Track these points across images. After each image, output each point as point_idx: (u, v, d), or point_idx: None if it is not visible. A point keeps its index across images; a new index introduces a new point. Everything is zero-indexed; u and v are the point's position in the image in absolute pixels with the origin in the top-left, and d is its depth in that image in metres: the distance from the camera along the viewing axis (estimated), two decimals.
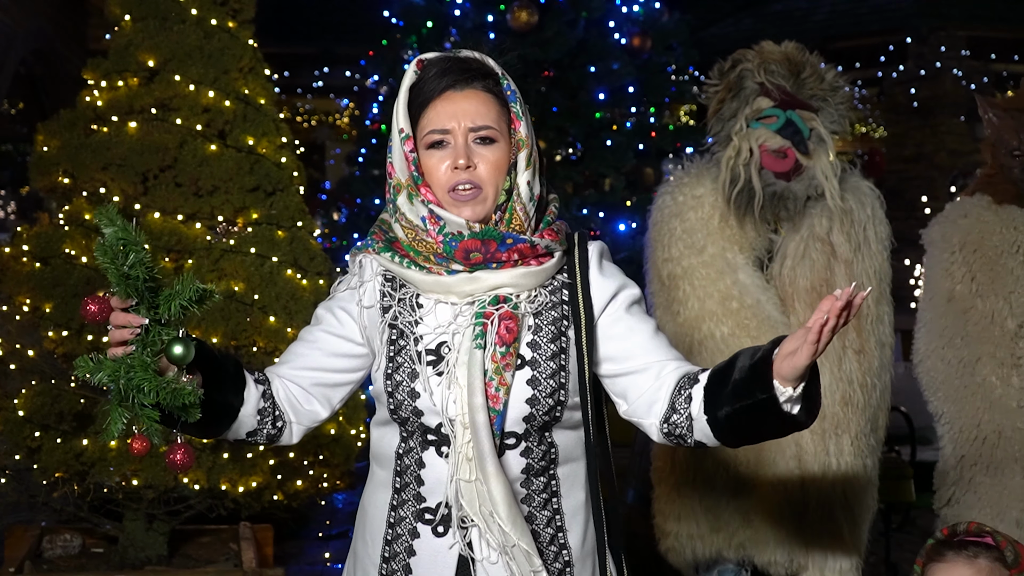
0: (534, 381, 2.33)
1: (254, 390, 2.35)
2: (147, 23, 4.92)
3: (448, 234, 2.30)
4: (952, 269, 4.10)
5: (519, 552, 2.28)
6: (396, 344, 2.36)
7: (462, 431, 2.29)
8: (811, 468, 3.90)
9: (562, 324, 2.38)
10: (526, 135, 2.38)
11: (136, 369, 2.08)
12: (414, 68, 2.39)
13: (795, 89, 3.95)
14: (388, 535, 2.39)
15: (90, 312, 2.11)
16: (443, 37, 8.95)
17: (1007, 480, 4.01)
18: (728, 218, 3.98)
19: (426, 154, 2.34)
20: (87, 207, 4.78)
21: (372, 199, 9.11)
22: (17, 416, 4.51)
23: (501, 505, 2.27)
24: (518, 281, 2.34)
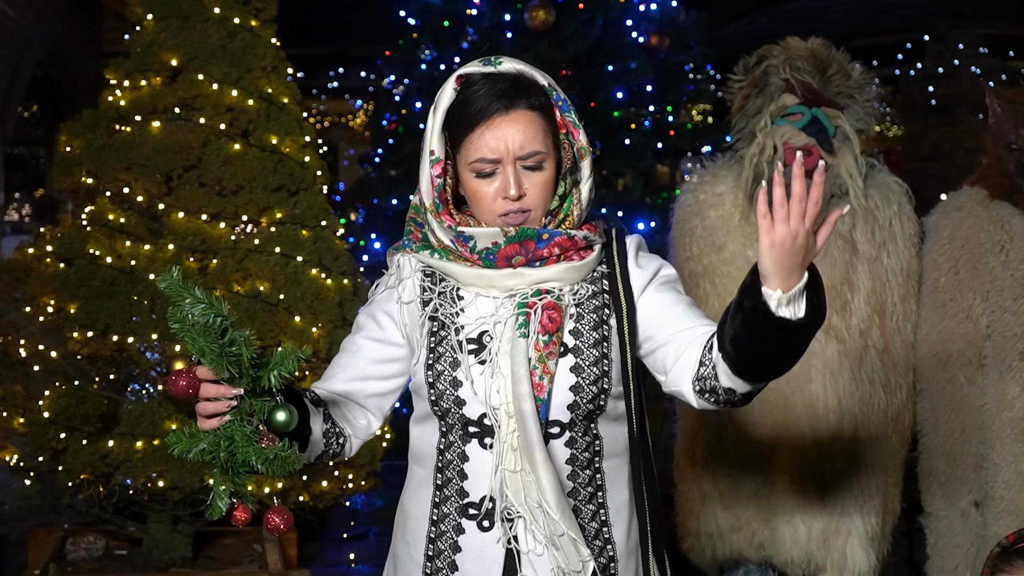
0: (577, 368, 2.32)
1: (318, 415, 2.33)
2: (169, 22, 4.91)
3: (482, 249, 2.29)
4: (940, 260, 4.07)
5: (567, 541, 2.26)
6: (437, 335, 2.35)
7: (506, 420, 2.27)
8: (830, 467, 3.88)
9: (603, 312, 2.37)
10: (586, 143, 2.35)
11: (238, 442, 2.03)
12: (453, 85, 2.32)
13: (821, 86, 3.92)
14: (431, 533, 2.36)
15: (180, 388, 2.03)
16: (460, 37, 8.94)
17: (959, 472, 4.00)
18: (748, 216, 3.96)
19: (474, 180, 2.31)
20: (110, 207, 4.77)
21: (389, 199, 9.09)
22: (42, 418, 4.50)
23: (550, 493, 2.24)
24: (561, 276, 2.33)
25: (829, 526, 3.88)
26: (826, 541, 3.89)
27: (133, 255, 4.62)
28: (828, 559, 3.91)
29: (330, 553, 6.55)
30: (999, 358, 3.88)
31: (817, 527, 3.89)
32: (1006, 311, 3.88)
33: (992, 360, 3.89)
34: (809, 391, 3.88)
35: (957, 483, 4.02)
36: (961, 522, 4.00)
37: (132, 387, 4.87)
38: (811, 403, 3.88)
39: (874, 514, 3.91)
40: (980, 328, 3.95)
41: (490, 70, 2.32)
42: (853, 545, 3.89)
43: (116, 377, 4.78)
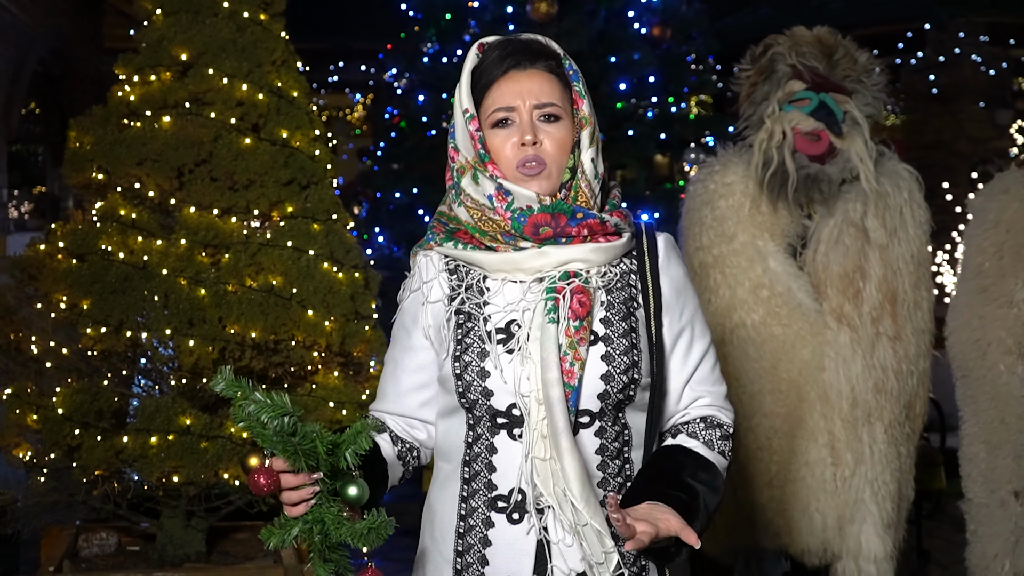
0: (608, 357, 2.32)
1: (388, 447, 2.44)
2: (179, 17, 4.90)
3: (516, 209, 2.30)
4: (984, 245, 4.07)
5: (591, 532, 2.24)
6: (464, 327, 2.35)
7: (536, 407, 2.27)
8: (844, 456, 3.88)
9: (632, 305, 2.38)
10: (589, 113, 2.40)
11: (329, 524, 2.05)
12: (475, 51, 2.42)
13: (827, 71, 3.93)
14: (460, 528, 2.35)
15: (261, 486, 2.04)
16: (462, 29, 8.96)
17: (999, 461, 4.00)
18: (759, 204, 3.97)
19: (491, 133, 2.36)
20: (122, 203, 4.76)
21: (392, 193, 9.10)
22: (56, 414, 4.49)
23: (574, 482, 2.23)
24: (588, 256, 2.33)
25: (844, 514, 3.90)
26: (841, 529, 3.91)
27: (146, 250, 4.61)
28: (844, 546, 3.92)
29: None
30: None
31: (832, 515, 3.90)
32: None
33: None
34: (822, 379, 3.89)
35: (996, 472, 4.02)
36: (1000, 511, 4.00)
37: (144, 383, 4.86)
38: (824, 391, 3.89)
39: (889, 500, 3.92)
40: (1021, 316, 3.94)
41: (510, 37, 2.43)
42: (868, 532, 3.90)
43: (128, 373, 4.78)
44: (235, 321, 4.53)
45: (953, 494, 7.40)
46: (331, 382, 4.72)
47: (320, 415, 4.60)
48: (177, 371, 4.65)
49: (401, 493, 7.68)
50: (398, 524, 2.43)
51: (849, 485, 3.89)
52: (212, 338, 4.53)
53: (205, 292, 4.56)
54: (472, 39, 8.84)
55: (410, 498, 7.16)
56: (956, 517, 7.27)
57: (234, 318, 4.53)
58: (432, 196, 8.81)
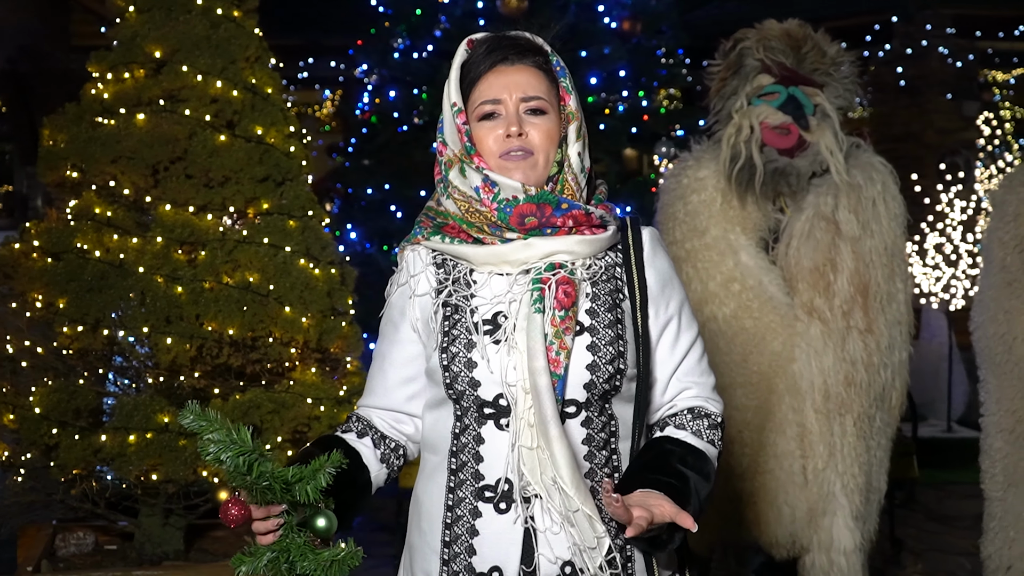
0: (594, 347, 2.35)
1: (369, 454, 2.50)
2: (152, 14, 4.88)
3: (502, 200, 2.33)
4: (1005, 239, 4.08)
5: (581, 518, 2.27)
6: (451, 319, 2.38)
7: (523, 397, 2.30)
8: (815, 448, 3.91)
9: (617, 296, 2.41)
10: (576, 108, 2.44)
11: (294, 553, 2.14)
12: (464, 47, 2.45)
13: (796, 65, 3.95)
14: (447, 518, 2.38)
15: (232, 517, 2.12)
16: (433, 25, 8.93)
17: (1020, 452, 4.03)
18: (731, 199, 3.98)
19: (478, 125, 2.40)
20: (97, 201, 4.74)
21: (364, 189, 9.08)
22: (34, 414, 4.48)
23: (564, 468, 2.25)
24: (573, 248, 2.36)
25: (816, 506, 3.91)
26: (812, 521, 3.93)
27: (122, 248, 4.60)
28: (815, 539, 3.94)
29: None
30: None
31: (802, 507, 3.92)
32: None
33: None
34: (792, 372, 3.91)
35: (1017, 464, 4.05)
36: (1020, 503, 4.02)
37: (120, 381, 4.85)
38: (794, 384, 3.91)
39: (858, 493, 3.94)
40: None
41: (498, 33, 2.47)
42: (839, 524, 3.93)
43: (105, 371, 4.77)
44: (212, 318, 4.53)
45: (926, 483, 7.50)
46: (308, 378, 4.73)
47: (298, 411, 4.61)
48: (155, 369, 4.64)
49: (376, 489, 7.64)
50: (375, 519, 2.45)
51: (821, 478, 3.91)
52: (190, 335, 4.53)
53: (182, 289, 4.56)
54: (443, 35, 8.83)
55: (386, 493, 7.16)
56: (928, 506, 7.37)
57: (211, 315, 4.53)
58: (404, 192, 8.80)
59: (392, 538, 6.38)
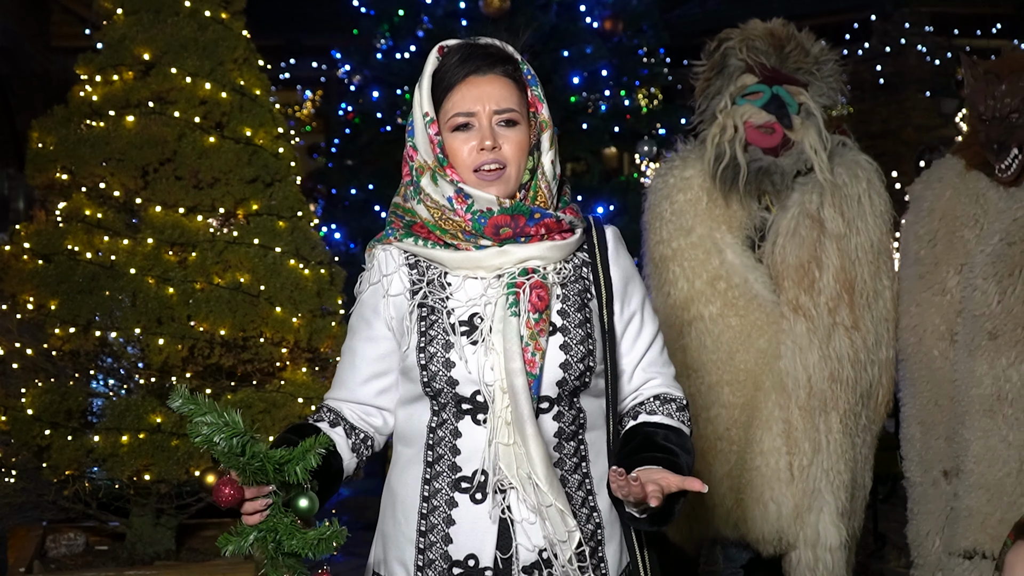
0: (566, 346, 2.44)
1: (342, 442, 2.52)
2: (140, 16, 4.89)
3: (476, 211, 2.39)
4: (920, 232, 4.15)
5: (554, 512, 2.37)
6: (427, 320, 2.44)
7: (500, 396, 2.38)
8: (801, 445, 3.93)
9: (585, 296, 2.50)
10: (547, 116, 2.50)
11: (281, 533, 2.17)
12: (435, 55, 2.49)
13: (779, 64, 3.97)
14: (423, 509, 2.45)
15: (226, 497, 2.15)
16: (415, 25, 8.97)
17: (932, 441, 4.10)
18: (716, 198, 4.00)
19: (451, 136, 2.43)
20: (87, 203, 4.75)
21: (348, 189, 9.11)
22: (25, 415, 4.49)
23: (539, 466, 2.35)
24: (545, 254, 2.44)
25: (801, 503, 3.93)
26: (798, 517, 3.95)
27: (112, 250, 4.62)
28: (800, 535, 3.96)
29: None
30: (969, 336, 3.96)
31: (788, 504, 3.94)
32: (976, 289, 3.95)
33: (962, 337, 3.97)
34: (778, 368, 3.94)
35: (930, 452, 4.11)
36: (933, 490, 4.10)
37: (111, 382, 4.86)
38: (780, 380, 3.93)
39: (843, 489, 3.96)
40: (954, 303, 4.03)
41: (469, 41, 2.50)
42: (825, 521, 3.95)
43: (95, 372, 4.78)
44: (203, 319, 4.55)
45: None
46: (299, 378, 4.75)
47: (289, 411, 4.63)
48: (146, 370, 4.65)
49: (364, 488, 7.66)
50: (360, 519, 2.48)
51: (807, 475, 3.93)
52: (181, 336, 4.54)
53: (173, 290, 4.57)
54: (425, 35, 8.86)
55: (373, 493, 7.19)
56: None
57: (202, 316, 4.55)
58: (387, 191, 8.82)
59: None
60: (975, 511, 3.94)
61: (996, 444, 3.92)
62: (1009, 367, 3.89)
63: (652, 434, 2.50)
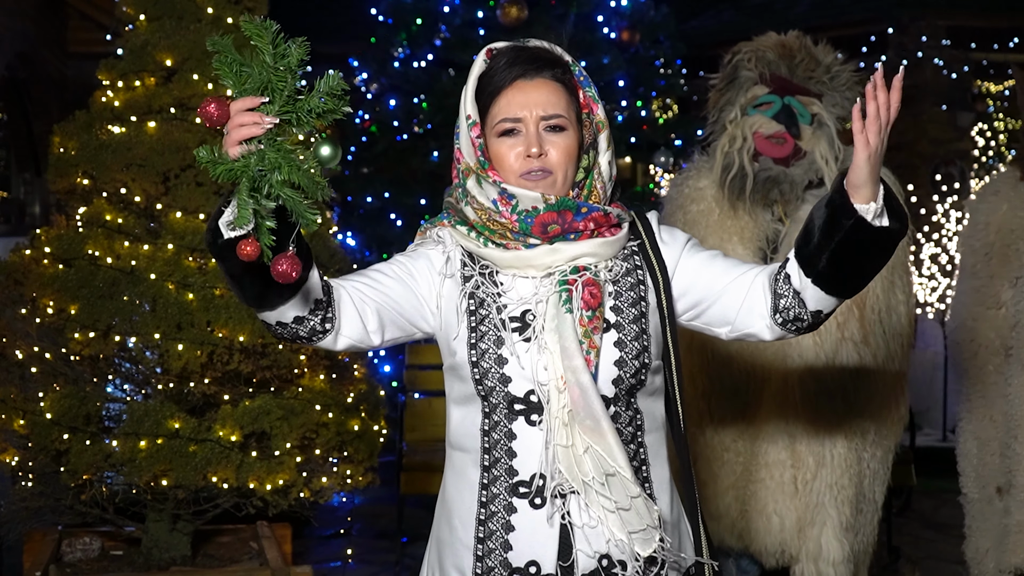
0: (620, 343, 2.40)
1: (317, 278, 2.29)
2: (163, 23, 4.92)
3: (522, 211, 2.36)
4: (976, 246, 4.14)
5: (640, 503, 2.33)
6: (477, 314, 2.40)
7: (556, 396, 2.33)
8: (804, 459, 3.92)
9: (640, 289, 2.46)
10: (603, 116, 2.46)
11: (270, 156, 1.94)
12: (483, 57, 2.46)
13: (789, 74, 3.98)
14: (481, 515, 2.40)
15: (210, 113, 1.96)
16: (432, 34, 8.98)
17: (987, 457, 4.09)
18: (728, 209, 4.01)
19: (497, 141, 2.41)
20: (107, 208, 4.77)
21: (363, 197, 9.12)
22: (44, 419, 4.51)
23: (620, 458, 2.31)
24: (596, 251, 2.40)
25: (804, 516, 3.93)
26: (801, 531, 3.94)
27: (132, 255, 4.63)
28: (803, 549, 3.95)
29: (317, 550, 6.57)
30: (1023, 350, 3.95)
31: (791, 518, 3.93)
32: None
33: (1017, 351, 3.95)
34: (783, 381, 3.93)
35: (986, 467, 4.10)
36: (989, 507, 4.08)
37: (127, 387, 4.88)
38: (785, 393, 3.93)
39: (848, 504, 3.95)
40: (1008, 317, 4.01)
41: (518, 44, 2.46)
42: (827, 535, 3.93)
43: (114, 377, 4.80)
44: (223, 325, 4.56)
45: (923, 491, 7.54)
46: (317, 385, 4.76)
47: (306, 418, 4.64)
48: (165, 375, 4.67)
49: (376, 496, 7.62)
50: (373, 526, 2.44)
51: (810, 488, 3.92)
52: (200, 342, 4.55)
53: (193, 296, 4.59)
54: (442, 44, 8.88)
55: (386, 500, 7.19)
56: (925, 514, 7.41)
57: (222, 322, 4.55)
58: (403, 199, 8.84)
59: (392, 544, 6.42)
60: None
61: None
62: None
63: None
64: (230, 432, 4.51)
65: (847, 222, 2.27)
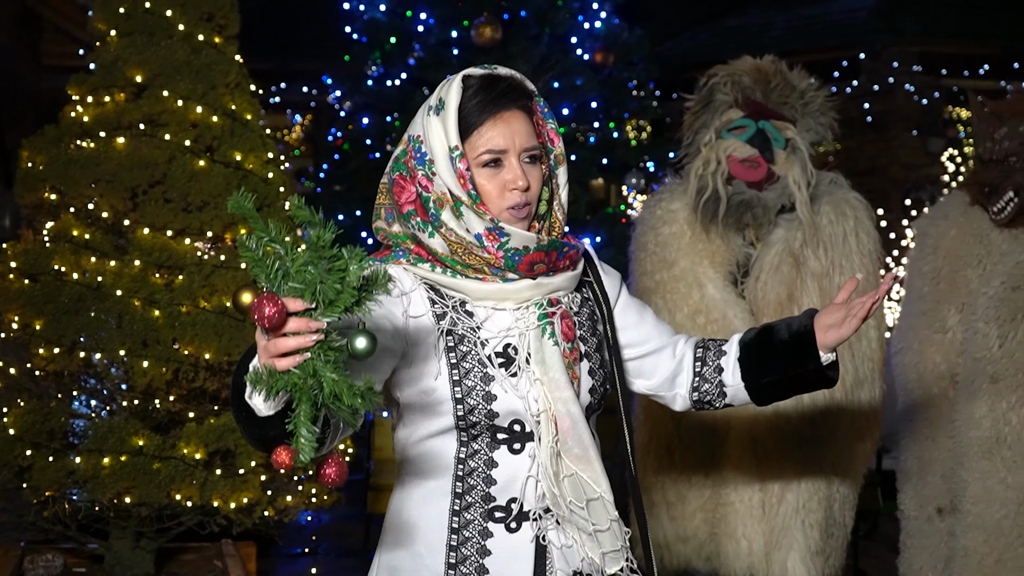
0: (592, 372, 2.46)
1: None
2: (134, 38, 4.91)
3: (510, 249, 2.35)
4: (924, 269, 4.17)
5: (616, 526, 2.41)
6: (457, 351, 2.38)
7: (548, 427, 2.36)
8: (772, 485, 3.92)
9: (594, 318, 2.54)
10: (562, 150, 2.48)
11: (325, 376, 1.78)
12: (459, 84, 2.41)
13: (764, 99, 3.99)
14: (452, 541, 2.40)
15: (267, 316, 1.75)
16: (406, 53, 8.98)
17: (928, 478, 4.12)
18: (700, 232, 4.01)
19: (479, 172, 2.38)
20: (75, 223, 4.76)
21: (335, 214, 9.10)
22: (7, 435, 4.48)
23: (605, 484, 2.39)
24: (567, 284, 2.46)
25: (771, 540, 3.93)
26: (768, 555, 3.94)
27: (99, 271, 4.62)
28: (770, 573, 3.96)
29: (283, 569, 6.55)
30: (969, 378, 3.97)
31: (759, 541, 3.93)
32: (978, 332, 3.97)
33: (963, 379, 3.98)
34: (750, 408, 3.94)
35: (926, 488, 4.13)
36: (927, 526, 4.12)
37: (94, 403, 4.85)
38: (753, 417, 3.93)
39: (816, 528, 3.95)
40: (955, 342, 4.04)
41: (491, 73, 2.43)
42: (794, 559, 3.93)
43: (79, 393, 4.78)
44: (189, 342, 4.55)
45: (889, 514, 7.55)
46: None
47: None
48: (130, 392, 4.65)
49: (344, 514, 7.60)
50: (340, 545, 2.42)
51: (776, 512, 3.93)
52: (166, 359, 4.54)
53: (159, 313, 4.58)
54: (417, 63, 8.88)
55: (353, 519, 7.16)
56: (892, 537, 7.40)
57: (188, 339, 4.55)
58: None
59: (359, 563, 6.39)
60: (972, 551, 3.96)
61: (994, 486, 3.94)
62: (1009, 411, 3.92)
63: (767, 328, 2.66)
64: (195, 450, 4.50)
65: (810, 366, 2.57)
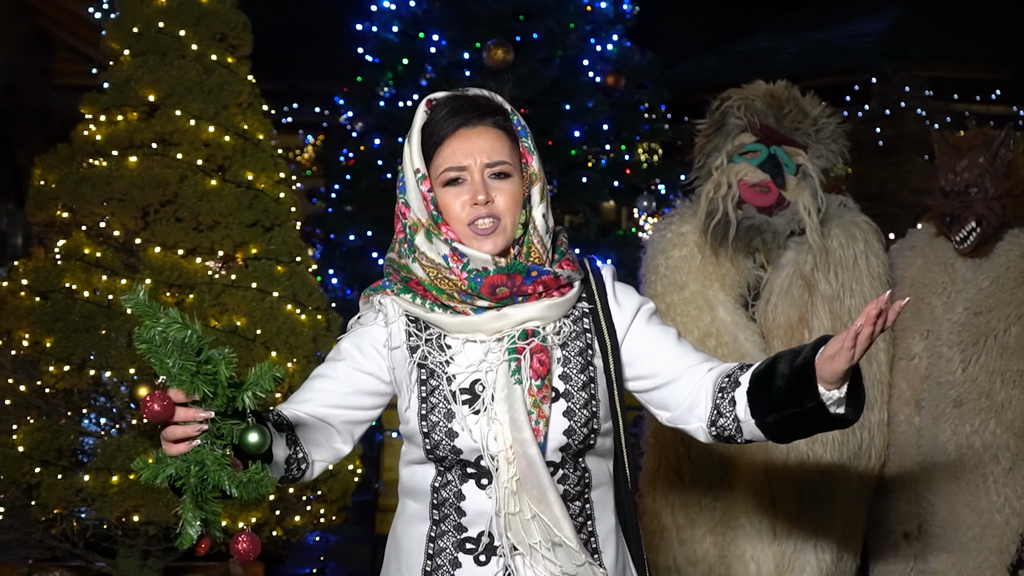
0: (569, 412, 2.39)
1: (281, 440, 2.31)
2: (147, 58, 4.93)
3: (472, 270, 2.34)
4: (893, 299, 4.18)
5: (586, 570, 2.35)
6: (427, 384, 2.39)
7: (506, 466, 2.33)
8: (782, 505, 3.92)
9: (587, 353, 2.45)
10: (538, 168, 2.45)
11: (209, 466, 1.94)
12: (424, 108, 2.43)
13: (776, 124, 4.00)
14: (427, 566, 2.41)
15: (155, 412, 1.92)
16: (418, 74, 9.02)
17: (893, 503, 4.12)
18: (710, 255, 4.01)
19: (443, 191, 2.38)
20: (86, 241, 4.77)
21: (346, 235, 9.13)
22: (16, 452, 4.48)
23: (567, 528, 2.32)
24: (544, 314, 2.39)
25: (782, 562, 3.92)
26: None
27: (110, 289, 4.63)
28: None
29: None
30: (933, 403, 4.00)
31: (770, 563, 3.92)
32: (941, 357, 4.00)
33: (928, 404, 4.02)
34: None
35: (891, 513, 4.12)
36: (894, 551, 4.12)
37: (104, 422, 4.85)
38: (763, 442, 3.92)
39: (828, 550, 3.94)
40: (919, 368, 4.07)
41: (458, 93, 2.45)
42: None
43: (88, 411, 4.78)
44: None
45: None
46: None
47: None
48: (139, 410, 4.64)
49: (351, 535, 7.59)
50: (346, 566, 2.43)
51: (788, 535, 3.93)
52: None
53: None
54: (428, 84, 8.91)
55: (360, 540, 7.16)
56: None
57: None
58: (385, 238, 8.80)
59: None
60: (940, 574, 3.97)
61: (960, 510, 3.96)
62: (972, 434, 3.94)
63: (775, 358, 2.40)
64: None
65: (808, 404, 2.31)
